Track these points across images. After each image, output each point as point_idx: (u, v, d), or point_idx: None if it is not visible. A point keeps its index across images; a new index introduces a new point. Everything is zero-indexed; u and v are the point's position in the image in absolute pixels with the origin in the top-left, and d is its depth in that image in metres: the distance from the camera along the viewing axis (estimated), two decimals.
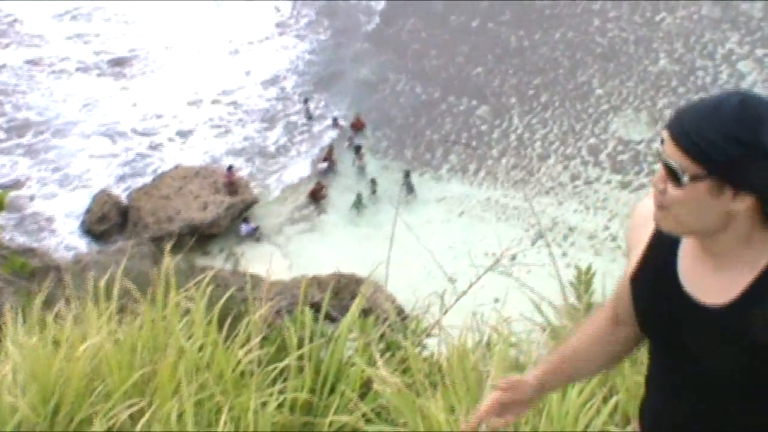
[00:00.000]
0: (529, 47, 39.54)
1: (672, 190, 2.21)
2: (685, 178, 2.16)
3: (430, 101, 37.06)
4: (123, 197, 31.28)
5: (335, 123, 35.07)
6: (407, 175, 31.27)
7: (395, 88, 38.09)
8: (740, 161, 2.11)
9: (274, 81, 38.56)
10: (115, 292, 4.67)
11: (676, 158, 2.17)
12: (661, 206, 2.26)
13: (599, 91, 36.40)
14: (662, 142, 2.24)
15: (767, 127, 2.12)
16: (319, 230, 30.71)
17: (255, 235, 29.88)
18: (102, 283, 4.68)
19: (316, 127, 35.67)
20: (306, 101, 36.26)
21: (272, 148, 34.63)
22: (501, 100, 36.65)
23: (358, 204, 30.96)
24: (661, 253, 2.43)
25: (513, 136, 34.54)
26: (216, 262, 26.73)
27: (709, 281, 2.32)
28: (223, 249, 29.08)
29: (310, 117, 35.83)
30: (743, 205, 2.18)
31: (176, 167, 32.54)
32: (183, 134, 35.43)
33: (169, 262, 4.60)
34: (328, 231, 30.57)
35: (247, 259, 27.46)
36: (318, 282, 22.68)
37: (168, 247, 5.11)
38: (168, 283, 4.53)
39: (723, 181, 2.15)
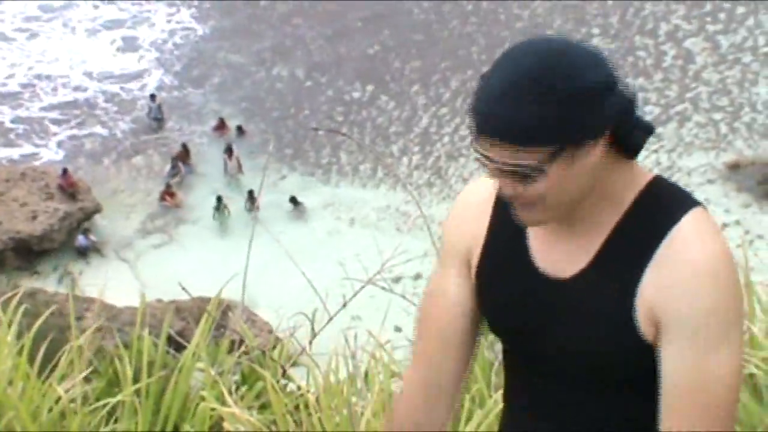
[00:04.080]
0: (436, 21, 40.02)
1: (528, 188, 2.26)
2: (536, 172, 2.22)
3: (314, 88, 37.17)
4: None
5: (240, 130, 34.99)
6: (294, 200, 31.18)
7: (271, 73, 38.09)
8: (578, 117, 2.19)
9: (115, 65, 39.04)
10: None
11: (511, 158, 2.21)
12: (526, 205, 2.31)
13: None
14: (479, 149, 2.26)
15: (580, 68, 2.22)
16: (177, 243, 30.50)
17: (96, 249, 29.59)
18: None
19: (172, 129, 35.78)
20: (153, 98, 36.15)
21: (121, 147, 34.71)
22: (402, 86, 36.97)
23: (221, 211, 30.85)
24: (506, 236, 2.50)
25: (416, 130, 34.88)
26: (48, 283, 26.34)
27: (564, 252, 2.41)
28: (58, 268, 28.67)
29: (157, 119, 35.68)
30: (600, 148, 2.27)
31: None
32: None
33: None
34: (190, 244, 30.36)
35: (87, 280, 27.07)
36: (177, 307, 22.54)
37: None
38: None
39: (574, 145, 2.22)
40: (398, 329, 7.52)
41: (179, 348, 5.20)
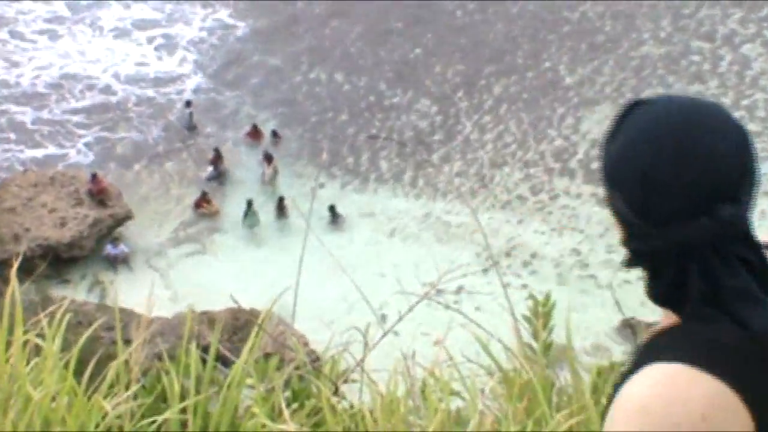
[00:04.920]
0: (481, 23, 39.98)
1: None
2: None
3: (353, 92, 37.23)
4: None
5: (275, 135, 35.12)
6: (332, 210, 31.19)
7: (308, 76, 38.19)
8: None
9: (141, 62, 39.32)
10: None
11: None
12: None
13: (568, 80, 36.93)
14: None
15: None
16: (210, 253, 30.60)
17: (124, 259, 29.68)
18: None
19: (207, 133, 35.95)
20: (188, 104, 36.40)
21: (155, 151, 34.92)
22: (444, 91, 36.95)
23: (250, 216, 30.91)
24: None
25: (459, 137, 34.85)
26: (78, 292, 26.50)
27: None
28: (87, 276, 28.81)
29: (191, 128, 35.87)
30: None
31: (24, 171, 32.15)
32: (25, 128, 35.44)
33: (14, 289, 4.56)
34: (223, 254, 30.47)
35: (118, 289, 27.20)
36: (209, 318, 22.65)
37: (12, 272, 5.07)
38: (13, 316, 4.50)
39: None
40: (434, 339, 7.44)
41: (224, 362, 5.21)
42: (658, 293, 2.35)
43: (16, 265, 5.41)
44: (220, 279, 28.12)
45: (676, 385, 2.19)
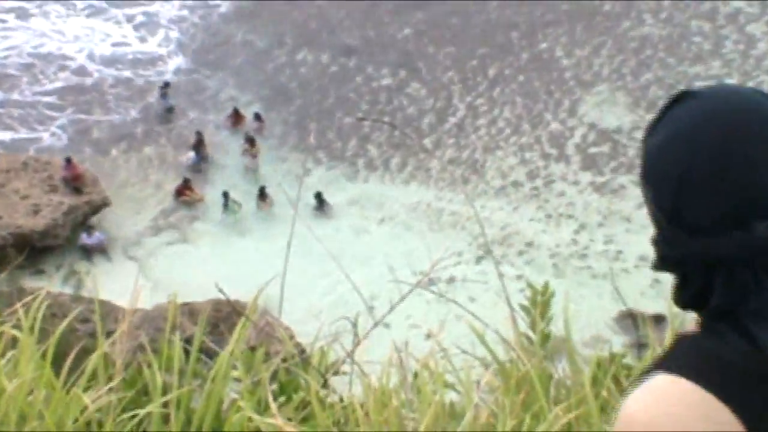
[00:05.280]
0: (473, 2, 39.94)
1: None
2: None
3: (341, 73, 37.20)
4: None
5: (258, 118, 35.04)
6: (319, 197, 31.16)
7: (294, 57, 38.14)
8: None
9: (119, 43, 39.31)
10: None
11: None
12: None
13: (564, 62, 36.95)
14: None
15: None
16: (191, 242, 30.57)
17: (101, 249, 29.60)
18: None
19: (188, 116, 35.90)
20: (166, 86, 36.42)
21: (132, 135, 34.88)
22: (435, 73, 36.95)
23: (231, 207, 30.88)
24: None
25: (452, 120, 34.86)
26: (52, 283, 26.42)
27: None
28: (62, 267, 28.75)
29: (170, 110, 35.85)
30: None
31: None
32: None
33: None
34: (204, 243, 30.44)
35: (94, 279, 27.17)
36: (190, 310, 22.64)
37: None
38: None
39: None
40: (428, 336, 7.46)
41: (207, 354, 5.21)
42: (683, 300, 2.32)
43: None
44: (201, 269, 28.08)
45: (668, 397, 2.20)
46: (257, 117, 34.73)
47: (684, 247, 2.24)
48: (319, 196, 30.90)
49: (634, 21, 38.29)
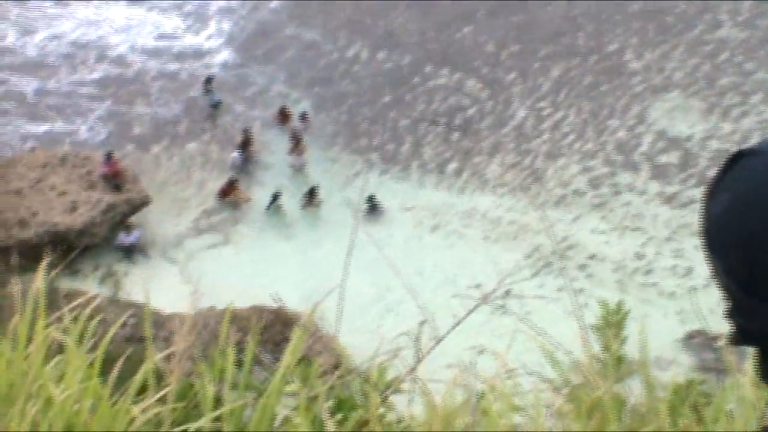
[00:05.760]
0: (538, 0, 39.87)
1: None
2: None
3: (396, 71, 37.21)
4: None
5: (303, 118, 35.11)
6: (371, 200, 31.22)
7: (347, 53, 38.21)
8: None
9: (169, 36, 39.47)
10: None
11: None
12: None
13: (634, 65, 36.76)
14: None
15: None
16: (234, 245, 30.61)
17: (140, 249, 29.65)
18: None
19: (233, 113, 36.03)
20: (210, 80, 36.58)
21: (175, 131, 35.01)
22: (497, 74, 36.87)
23: (274, 205, 30.89)
24: None
25: (512, 124, 34.77)
26: (88, 284, 26.54)
27: None
28: (99, 267, 28.87)
29: (215, 106, 36.03)
30: None
31: (33, 150, 32.23)
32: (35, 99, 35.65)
33: (40, 279, 4.60)
34: (247, 247, 30.47)
35: (131, 282, 27.31)
36: (233, 317, 22.72)
37: (12, 258, 5.13)
38: (35, 309, 4.52)
39: None
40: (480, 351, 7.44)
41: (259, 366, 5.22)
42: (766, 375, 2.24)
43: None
44: (244, 274, 28.18)
45: None
46: (303, 117, 34.80)
47: (762, 319, 2.15)
48: (371, 200, 30.86)
49: (710, 23, 38.02)
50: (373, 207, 30.81)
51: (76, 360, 4.49)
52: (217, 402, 4.70)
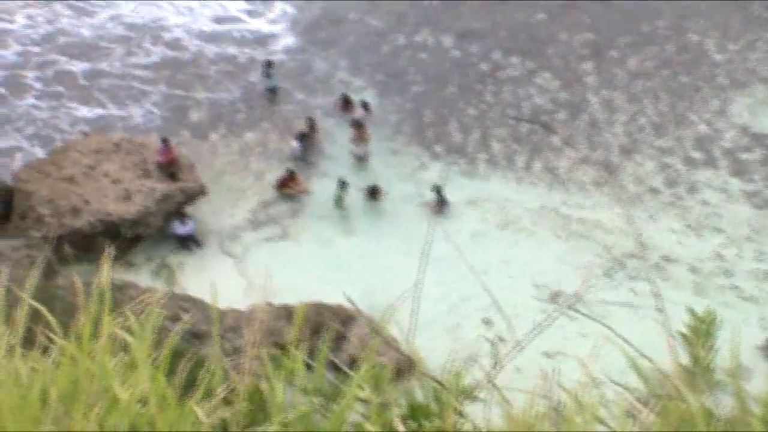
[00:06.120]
0: None
1: None
2: None
3: (464, 59, 37.15)
4: (2, 174, 31.43)
5: (365, 107, 35.10)
6: (439, 192, 31.21)
7: (413, 39, 38.17)
8: None
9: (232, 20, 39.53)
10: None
11: None
12: None
13: (716, 57, 36.47)
14: None
15: None
16: (292, 238, 30.65)
17: (195, 240, 29.73)
18: None
19: (294, 100, 36.08)
20: (270, 65, 36.67)
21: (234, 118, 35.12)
22: (569, 63, 36.70)
23: (339, 199, 30.89)
24: None
25: (585, 117, 34.59)
26: (141, 276, 26.70)
27: None
28: (152, 259, 29.02)
29: (272, 90, 36.22)
30: None
31: (86, 135, 32.43)
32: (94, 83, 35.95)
33: (106, 272, 4.63)
34: (307, 241, 30.49)
35: (186, 274, 27.45)
36: (288, 313, 22.80)
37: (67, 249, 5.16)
38: (100, 304, 4.54)
39: None
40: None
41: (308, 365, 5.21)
42: None
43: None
44: (302, 269, 28.20)
45: None
46: (364, 106, 34.77)
47: None
48: (438, 191, 30.74)
49: None
50: (441, 201, 30.72)
51: (141, 358, 4.52)
52: (286, 407, 4.71)
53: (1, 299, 4.80)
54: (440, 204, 30.86)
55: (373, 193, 31.09)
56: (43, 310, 4.77)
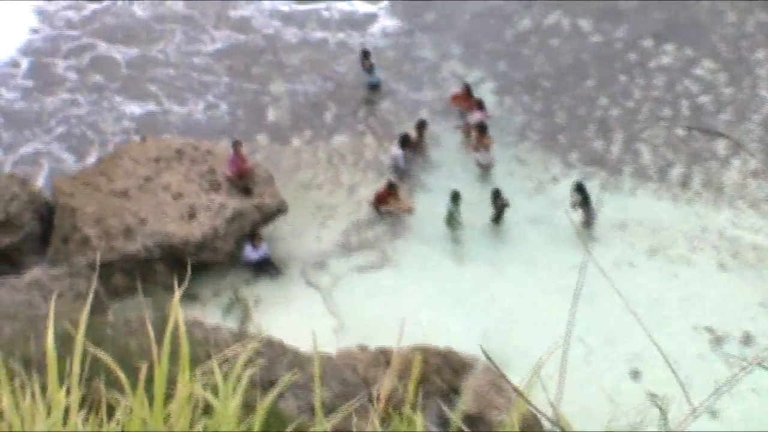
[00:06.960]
0: None
1: None
2: None
3: (605, 46, 37.05)
4: (43, 187, 31.76)
5: (480, 106, 34.94)
6: (581, 189, 31.04)
7: (541, 22, 38.14)
8: None
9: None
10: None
11: None
12: None
13: None
14: None
15: None
16: (391, 266, 30.58)
17: (272, 267, 29.73)
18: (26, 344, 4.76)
19: (395, 96, 36.12)
20: (366, 54, 36.68)
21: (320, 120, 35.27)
22: (739, 51, 36.46)
23: (452, 217, 30.72)
24: None
25: (756, 118, 34.31)
26: (207, 312, 26.70)
27: None
28: (221, 291, 29.02)
29: (374, 86, 36.22)
30: None
31: (142, 139, 32.56)
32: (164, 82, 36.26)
33: (178, 314, 4.66)
34: (408, 267, 30.41)
35: (262, 310, 27.53)
36: (387, 359, 22.87)
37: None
38: (178, 353, 4.56)
39: None
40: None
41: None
42: None
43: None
44: (404, 304, 28.12)
45: None
46: (479, 105, 34.40)
47: None
48: (581, 191, 30.55)
49: None
50: (587, 217, 30.47)
51: (226, 423, 4.54)
52: None
53: (51, 348, 4.80)
54: (585, 211, 30.73)
55: (498, 203, 30.75)
56: (108, 359, 4.78)
